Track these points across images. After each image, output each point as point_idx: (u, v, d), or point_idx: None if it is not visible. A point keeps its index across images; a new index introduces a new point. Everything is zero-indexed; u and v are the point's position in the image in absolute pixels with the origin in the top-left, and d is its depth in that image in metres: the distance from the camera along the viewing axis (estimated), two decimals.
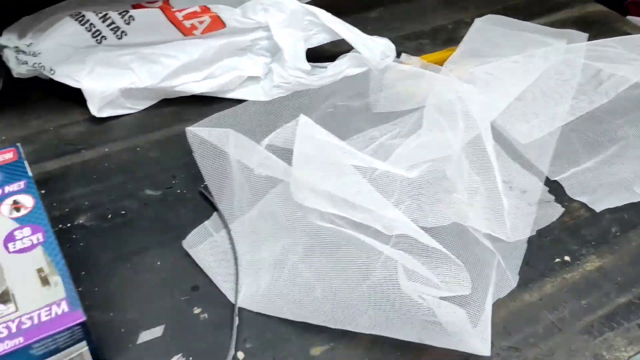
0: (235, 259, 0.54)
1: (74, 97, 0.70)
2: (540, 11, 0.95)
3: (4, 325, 0.41)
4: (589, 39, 0.83)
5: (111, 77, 0.68)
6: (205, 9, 0.72)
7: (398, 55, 0.79)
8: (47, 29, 0.69)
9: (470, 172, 0.61)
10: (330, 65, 0.76)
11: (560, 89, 0.75)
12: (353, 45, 0.75)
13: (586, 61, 0.78)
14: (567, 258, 0.58)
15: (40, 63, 0.68)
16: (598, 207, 0.63)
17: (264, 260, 0.53)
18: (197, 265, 0.55)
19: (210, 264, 0.55)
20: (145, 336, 0.49)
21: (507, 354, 0.50)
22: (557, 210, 0.62)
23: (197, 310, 0.52)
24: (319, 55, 0.76)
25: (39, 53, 0.68)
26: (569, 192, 0.65)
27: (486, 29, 0.87)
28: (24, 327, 0.41)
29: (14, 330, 0.41)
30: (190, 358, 0.48)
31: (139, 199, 0.62)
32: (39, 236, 0.47)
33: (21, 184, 0.52)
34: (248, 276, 0.53)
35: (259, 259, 0.53)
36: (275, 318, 0.51)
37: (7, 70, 0.71)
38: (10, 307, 0.42)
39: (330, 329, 0.50)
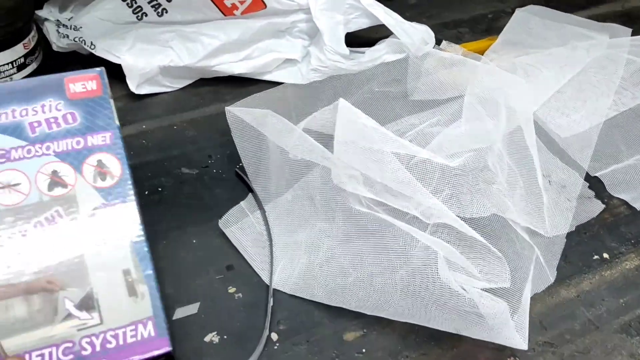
0: (270, 240, 0.54)
1: (113, 73, 0.69)
2: (582, 4, 0.93)
3: (88, 339, 0.38)
4: (633, 34, 0.81)
5: (151, 54, 0.68)
6: None
7: (438, 42, 0.78)
8: (88, 3, 0.70)
9: (510, 164, 0.61)
10: (368, 51, 0.75)
11: (602, 84, 0.74)
12: (392, 30, 0.74)
13: (629, 56, 0.77)
14: (605, 255, 0.57)
15: (81, 37, 0.68)
16: (637, 204, 0.61)
17: (300, 243, 0.53)
18: (232, 244, 0.55)
19: (245, 245, 0.55)
20: (180, 312, 0.50)
21: (543, 349, 0.50)
22: (597, 207, 0.61)
23: (231, 290, 0.52)
24: (355, 39, 0.76)
25: (80, 27, 0.68)
26: (609, 189, 0.63)
27: (527, 19, 0.86)
28: (108, 346, 0.38)
29: (98, 348, 0.38)
30: (225, 337, 0.48)
31: (175, 177, 0.62)
32: (134, 224, 0.41)
33: (106, 137, 0.42)
34: (283, 258, 0.53)
35: (294, 242, 0.53)
36: (309, 301, 0.51)
37: (47, 43, 0.71)
38: (95, 317, 0.39)
39: (365, 315, 0.50)
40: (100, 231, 0.41)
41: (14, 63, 0.66)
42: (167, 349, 0.39)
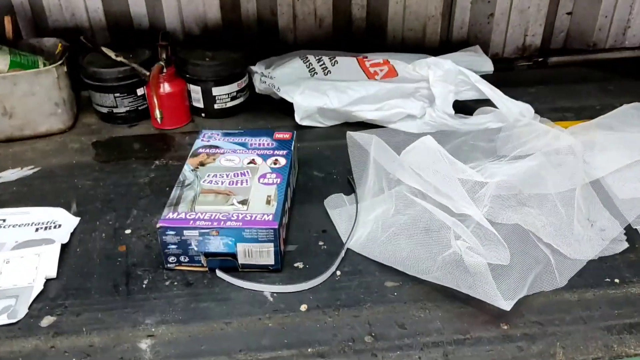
0: (355, 219, 0.78)
1: (288, 110, 1.02)
2: None
3: (237, 214, 0.70)
4: None
5: (313, 98, 0.99)
6: (386, 62, 1.00)
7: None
8: (283, 63, 1.04)
9: (556, 201, 0.76)
10: (475, 115, 0.97)
11: None
12: (495, 103, 0.95)
13: None
14: (616, 280, 0.69)
15: (273, 84, 1.02)
16: None
17: (371, 220, 0.76)
18: (330, 219, 0.80)
19: (338, 220, 0.79)
20: (288, 248, 0.76)
21: (532, 324, 0.64)
22: (621, 246, 0.73)
23: (321, 243, 0.76)
24: (466, 108, 0.98)
25: (274, 77, 1.02)
26: None
27: (628, 112, 1.00)
28: (245, 219, 0.69)
29: (240, 218, 0.69)
30: (307, 266, 0.73)
31: (308, 176, 0.90)
32: (278, 180, 0.76)
33: (284, 152, 0.82)
34: (358, 230, 0.76)
35: (367, 220, 0.76)
36: (369, 259, 0.73)
37: (252, 87, 1.07)
38: (244, 208, 0.71)
39: (404, 273, 0.70)
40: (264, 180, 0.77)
41: (229, 94, 1.03)
42: (274, 226, 0.68)
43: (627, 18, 1.23)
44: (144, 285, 0.70)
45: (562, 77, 1.17)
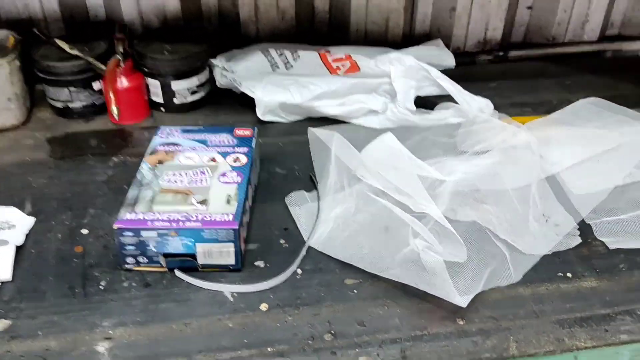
0: (317, 216, 0.78)
1: (249, 104, 1.01)
2: None
3: (196, 215, 0.69)
4: None
5: (275, 93, 0.98)
6: (349, 57, 1.00)
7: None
8: (244, 57, 1.03)
9: (513, 198, 0.78)
10: (435, 111, 0.98)
11: (624, 160, 0.87)
12: (455, 99, 0.96)
13: None
14: (569, 275, 0.71)
15: (234, 78, 1.01)
16: (612, 246, 0.74)
17: (332, 218, 0.76)
18: (291, 216, 0.80)
19: (299, 217, 0.79)
20: (249, 247, 0.75)
21: (487, 319, 0.66)
22: (575, 240, 0.75)
23: (282, 241, 0.76)
24: (427, 103, 0.99)
25: (235, 71, 1.01)
26: (595, 233, 0.77)
27: (585, 107, 1.02)
28: (205, 219, 0.69)
29: (199, 218, 0.69)
30: (268, 265, 0.73)
31: (270, 173, 0.89)
32: (239, 179, 0.75)
33: (245, 150, 0.81)
34: (320, 228, 0.77)
35: (328, 217, 0.77)
36: (330, 257, 0.73)
37: (214, 81, 1.05)
38: (204, 208, 0.70)
39: (364, 271, 0.71)
40: (224, 179, 0.76)
41: (189, 89, 1.01)
42: (235, 227, 0.68)
43: (585, 12, 1.26)
44: (101, 287, 0.69)
45: (522, 71, 1.19)
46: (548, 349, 0.63)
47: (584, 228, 0.78)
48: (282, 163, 0.91)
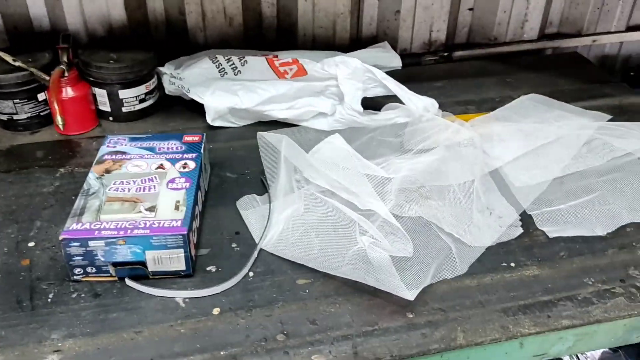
0: (268, 219, 0.79)
1: (199, 110, 1.01)
2: (582, 97, 1.10)
3: (144, 222, 0.69)
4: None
5: (224, 99, 0.98)
6: (295, 61, 1.01)
7: None
8: (192, 64, 1.03)
9: (457, 192, 0.81)
10: (383, 112, 1.00)
11: (562, 152, 0.91)
12: (401, 99, 0.98)
13: (597, 135, 0.94)
14: (512, 264, 0.74)
15: (182, 84, 1.01)
16: (552, 235, 0.78)
17: (282, 219, 0.77)
18: (243, 220, 0.80)
19: (251, 221, 0.80)
20: (200, 252, 0.75)
21: (435, 311, 0.68)
22: (517, 231, 0.78)
23: (234, 245, 0.77)
24: (374, 104, 1.01)
25: (183, 78, 1.01)
26: (537, 223, 0.80)
27: (525, 104, 1.06)
28: (153, 226, 0.68)
29: (147, 225, 0.68)
30: (220, 269, 0.73)
31: (221, 178, 0.89)
32: (187, 185, 0.75)
33: (193, 155, 0.81)
34: (271, 230, 0.77)
35: (279, 219, 0.77)
36: (282, 258, 0.74)
37: (162, 88, 1.05)
38: (152, 215, 0.70)
39: (316, 270, 0.72)
40: (173, 185, 0.76)
41: (137, 97, 1.00)
42: (184, 232, 0.68)
43: (524, 12, 1.30)
44: (49, 299, 0.68)
45: (466, 71, 1.23)
46: (494, 337, 0.65)
47: (526, 219, 0.81)
48: (233, 167, 0.92)
